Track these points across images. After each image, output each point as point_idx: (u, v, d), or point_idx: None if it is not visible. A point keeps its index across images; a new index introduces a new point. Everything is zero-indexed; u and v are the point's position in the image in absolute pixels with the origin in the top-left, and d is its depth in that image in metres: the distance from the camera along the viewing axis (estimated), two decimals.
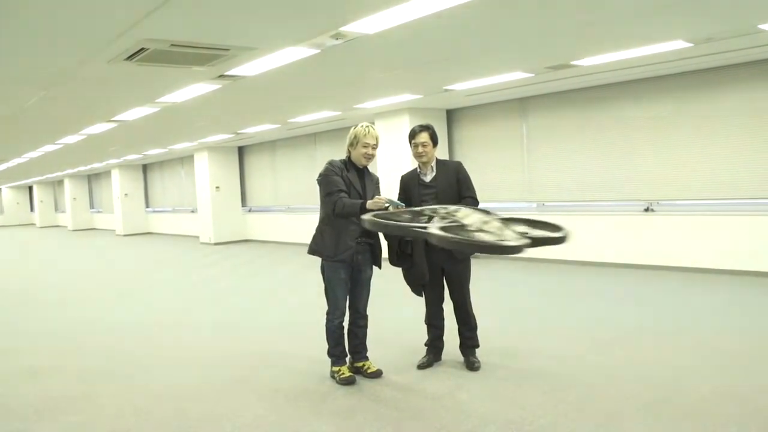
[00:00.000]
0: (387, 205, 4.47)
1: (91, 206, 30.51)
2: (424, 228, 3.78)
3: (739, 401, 4.05)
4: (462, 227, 3.85)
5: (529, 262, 10.45)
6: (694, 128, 8.81)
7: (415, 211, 4.35)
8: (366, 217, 4.06)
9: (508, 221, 4.12)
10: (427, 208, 4.37)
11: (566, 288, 8.39)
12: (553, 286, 8.56)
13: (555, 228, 4.11)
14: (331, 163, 4.78)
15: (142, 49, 5.32)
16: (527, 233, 3.89)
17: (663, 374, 4.66)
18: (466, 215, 4.10)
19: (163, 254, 16.83)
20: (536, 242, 3.80)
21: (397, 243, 4.85)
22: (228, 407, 4.47)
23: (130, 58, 5.61)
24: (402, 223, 4.06)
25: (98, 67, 5.99)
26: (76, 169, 25.01)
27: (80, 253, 18.75)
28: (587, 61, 7.46)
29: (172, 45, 5.28)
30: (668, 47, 6.84)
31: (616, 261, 9.59)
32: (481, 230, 3.79)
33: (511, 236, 3.74)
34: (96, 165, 22.79)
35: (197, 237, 19.03)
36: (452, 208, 4.37)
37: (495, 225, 3.91)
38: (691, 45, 6.76)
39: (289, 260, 13.23)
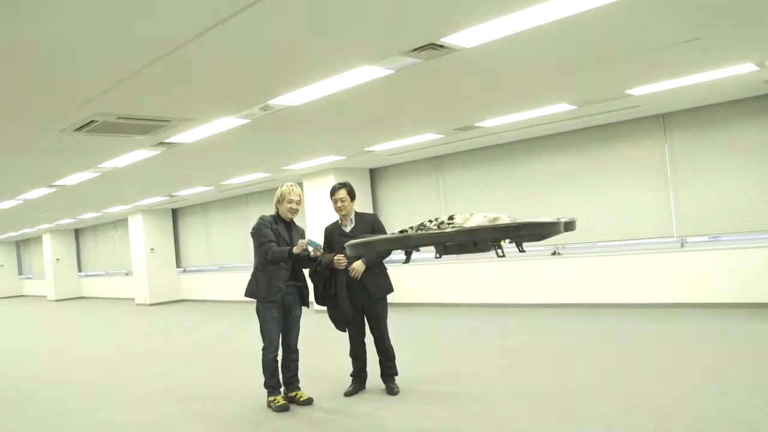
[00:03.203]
0: (310, 248, 5.29)
1: (20, 272, 30.06)
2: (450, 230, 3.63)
3: (612, 405, 4.88)
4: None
5: (440, 306, 11.28)
6: (592, 178, 9.93)
7: (404, 231, 4.09)
8: (354, 242, 4.00)
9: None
10: (414, 225, 4.12)
11: (478, 327, 9.24)
12: (464, 326, 9.39)
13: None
14: (262, 218, 5.55)
15: (92, 121, 5.98)
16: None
17: (556, 388, 5.49)
18: (465, 220, 3.89)
19: (98, 316, 16.94)
20: (567, 225, 3.76)
21: (321, 285, 5.59)
22: None
23: (80, 129, 6.25)
24: (419, 233, 3.80)
25: (50, 136, 6.60)
26: (5, 235, 24.84)
27: (10, 319, 18.64)
28: (489, 123, 8.46)
29: (119, 117, 5.97)
30: (557, 109, 7.90)
31: (524, 302, 10.52)
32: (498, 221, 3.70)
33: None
34: (26, 230, 22.77)
35: (132, 299, 19.19)
36: (443, 218, 4.07)
37: (507, 219, 3.74)
38: (575, 107, 7.84)
39: (224, 316, 13.69)
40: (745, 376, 5.30)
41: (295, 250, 5.29)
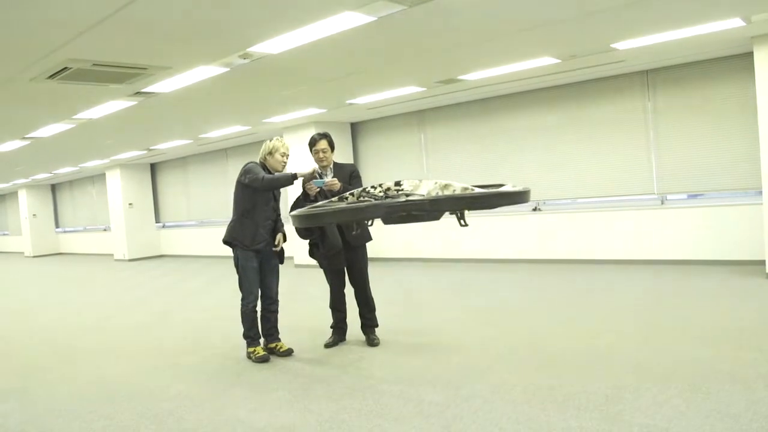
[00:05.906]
0: (313, 182, 5.31)
1: None
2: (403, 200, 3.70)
3: (590, 357, 4.93)
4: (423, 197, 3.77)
5: (420, 261, 11.31)
6: (574, 134, 9.89)
7: (343, 197, 4.37)
8: (300, 212, 4.11)
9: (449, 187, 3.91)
10: (356, 191, 4.34)
11: (458, 282, 9.27)
12: (445, 281, 9.43)
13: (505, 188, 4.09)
14: (254, 162, 5.51)
15: (65, 68, 5.80)
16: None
17: (534, 341, 5.54)
18: (415, 186, 4.01)
19: (76, 272, 16.83)
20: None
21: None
22: (155, 385, 5.03)
23: (52, 76, 6.07)
24: (352, 206, 3.89)
25: (20, 85, 6.40)
26: None
27: None
28: (472, 76, 8.36)
29: (94, 64, 5.79)
30: (540, 63, 7.80)
31: (505, 257, 10.59)
32: (449, 189, 3.79)
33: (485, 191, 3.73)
34: (1, 185, 22.42)
35: (111, 254, 19.06)
36: (389, 184, 4.19)
37: (458, 186, 3.85)
38: (559, 61, 7.75)
39: (203, 270, 13.65)
40: (722, 329, 5.40)
41: (301, 173, 5.36)
